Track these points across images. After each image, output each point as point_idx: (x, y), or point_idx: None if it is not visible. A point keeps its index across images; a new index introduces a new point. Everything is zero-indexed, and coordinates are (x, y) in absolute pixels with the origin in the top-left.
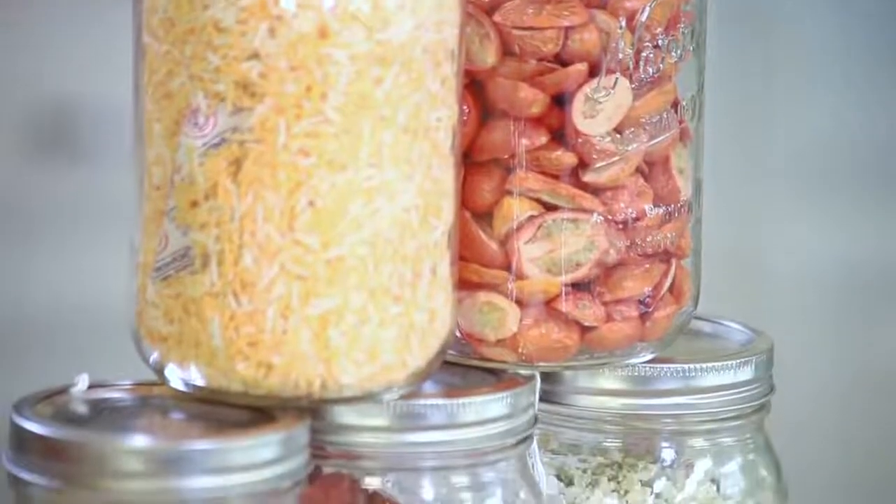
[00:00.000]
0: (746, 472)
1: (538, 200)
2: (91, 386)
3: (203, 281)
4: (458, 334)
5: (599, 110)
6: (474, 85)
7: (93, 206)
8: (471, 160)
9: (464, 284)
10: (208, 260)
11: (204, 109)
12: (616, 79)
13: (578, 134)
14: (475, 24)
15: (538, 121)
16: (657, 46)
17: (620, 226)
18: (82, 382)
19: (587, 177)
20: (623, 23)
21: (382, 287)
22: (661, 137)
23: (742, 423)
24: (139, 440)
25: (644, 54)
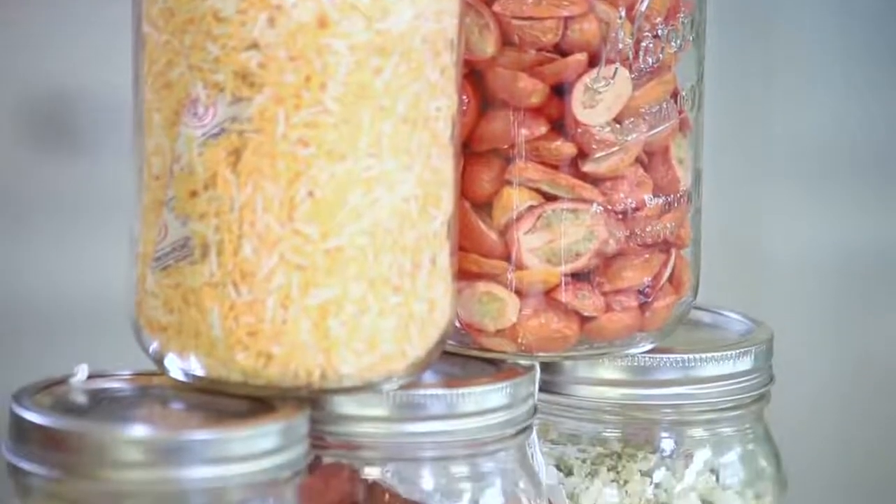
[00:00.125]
0: (746, 462)
1: (538, 190)
2: (90, 376)
3: (202, 271)
4: (458, 324)
5: (599, 100)
6: (474, 75)
7: (92, 197)
8: (470, 150)
9: (463, 274)
10: (208, 250)
11: (203, 99)
12: (616, 69)
13: (578, 124)
14: (474, 14)
15: (538, 111)
16: (657, 36)
17: (620, 216)
18: (82, 372)
19: (587, 167)
20: (623, 13)
21: (382, 277)
22: (661, 127)
23: (741, 413)
24: (139, 430)
25: (644, 44)
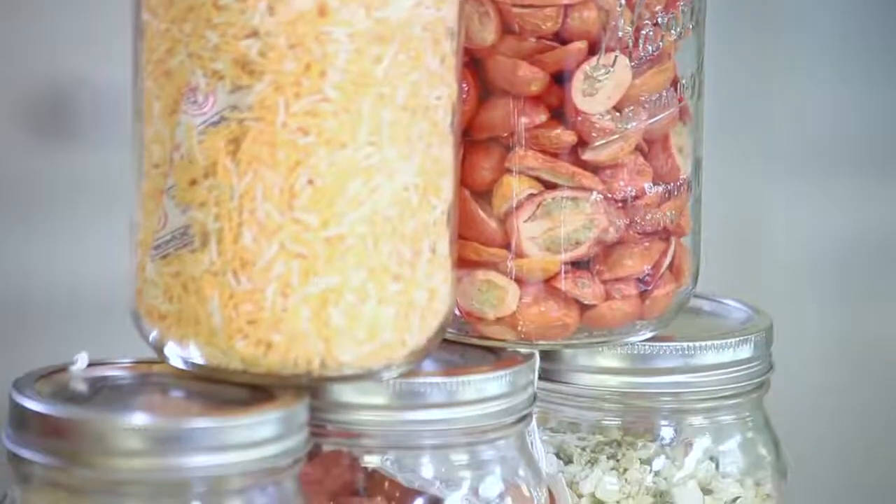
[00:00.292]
0: (745, 450)
1: (537, 179)
2: (90, 364)
3: (202, 259)
4: (458, 313)
5: (599, 88)
6: (474, 63)
7: (92, 185)
8: (470, 138)
9: (463, 263)
10: (207, 238)
11: (203, 87)
12: (615, 57)
13: (578, 112)
14: (474, 2)
15: (537, 99)
16: (657, 24)
17: (620, 204)
18: (82, 361)
19: (586, 155)
20: (622, 1)
21: (382, 265)
22: (661, 115)
23: (741, 402)
24: (138, 418)
25: (643, 32)
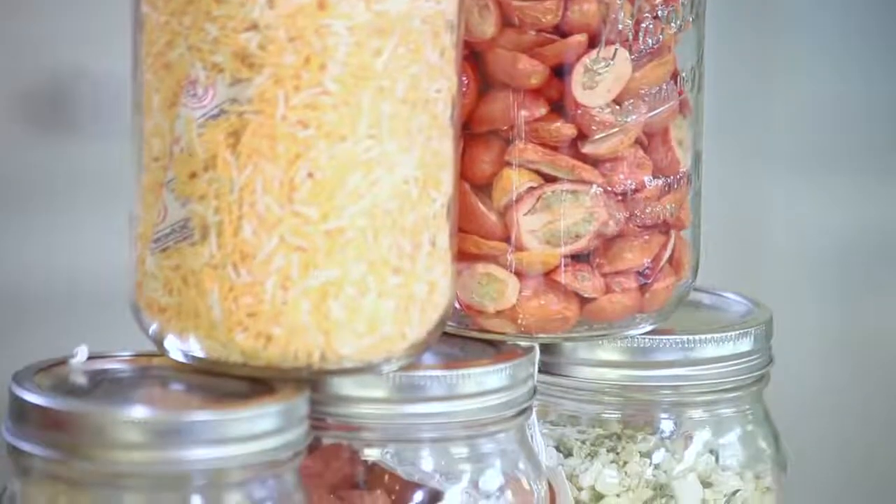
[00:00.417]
0: (745, 444)
1: (537, 172)
2: (90, 357)
3: (202, 252)
4: (458, 306)
5: (599, 81)
6: (473, 56)
7: (91, 178)
8: (470, 131)
9: (463, 256)
10: (207, 231)
11: (203, 80)
12: (615, 50)
13: (578, 105)
14: None
15: (537, 92)
16: (657, 17)
17: (620, 197)
18: (81, 353)
19: (586, 148)
20: None
21: (382, 258)
22: (661, 109)
23: (741, 395)
24: (138, 411)
25: (643, 25)
